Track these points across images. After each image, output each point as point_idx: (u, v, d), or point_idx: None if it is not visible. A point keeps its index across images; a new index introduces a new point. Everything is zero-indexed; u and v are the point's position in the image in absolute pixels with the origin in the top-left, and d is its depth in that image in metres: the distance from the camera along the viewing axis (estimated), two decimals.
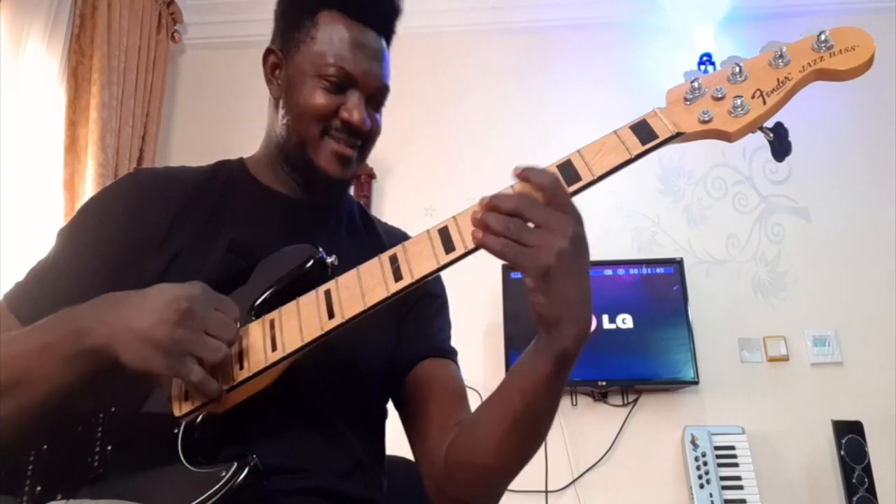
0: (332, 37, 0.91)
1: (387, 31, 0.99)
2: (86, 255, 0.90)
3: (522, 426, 0.77)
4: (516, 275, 2.51)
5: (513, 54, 2.94)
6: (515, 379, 0.77)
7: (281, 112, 0.94)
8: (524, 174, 0.71)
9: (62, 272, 0.89)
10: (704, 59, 2.69)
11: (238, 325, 0.75)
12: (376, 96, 0.95)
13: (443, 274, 1.06)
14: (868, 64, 0.73)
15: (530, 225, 0.68)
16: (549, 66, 2.91)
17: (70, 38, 2.39)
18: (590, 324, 0.71)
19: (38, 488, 0.77)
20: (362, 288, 0.76)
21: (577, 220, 0.69)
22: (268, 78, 0.99)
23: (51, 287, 0.87)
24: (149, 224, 0.91)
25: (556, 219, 0.68)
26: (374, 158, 2.83)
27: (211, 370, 0.72)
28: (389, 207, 2.78)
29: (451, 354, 1.00)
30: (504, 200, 0.70)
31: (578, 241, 0.68)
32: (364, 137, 0.94)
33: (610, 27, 2.92)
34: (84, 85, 2.39)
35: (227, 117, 2.87)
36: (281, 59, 0.96)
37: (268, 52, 0.99)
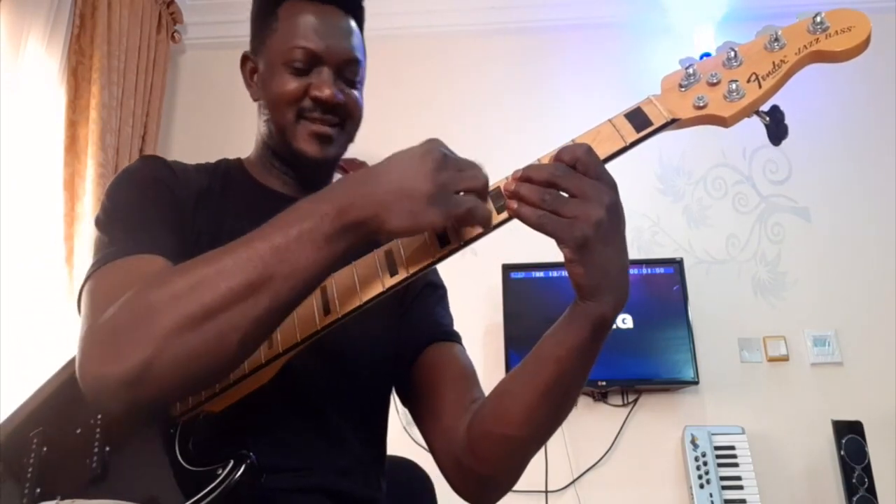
0: (293, 23, 0.93)
1: (349, 6, 0.98)
2: (152, 210, 0.87)
3: (553, 395, 0.76)
4: (516, 274, 2.52)
5: (513, 54, 2.94)
6: (548, 347, 0.75)
7: (262, 110, 0.97)
8: (558, 155, 0.70)
9: (150, 218, 0.85)
10: (704, 59, 2.68)
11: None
12: (346, 70, 0.94)
13: (443, 274, 1.08)
14: (864, 44, 0.72)
15: (564, 194, 0.68)
16: (549, 66, 2.91)
17: (70, 38, 2.39)
18: (628, 291, 0.71)
19: (38, 490, 0.77)
20: (358, 283, 0.76)
21: (612, 187, 0.68)
22: (247, 83, 1.01)
23: (157, 227, 0.84)
24: (181, 199, 0.91)
25: (592, 187, 0.67)
26: (374, 158, 2.84)
27: (482, 197, 0.70)
28: None
29: (456, 337, 1.01)
30: (538, 171, 0.69)
31: (615, 209, 0.68)
32: (341, 114, 0.94)
33: (610, 27, 2.92)
34: (84, 85, 2.38)
35: (227, 117, 2.87)
36: (255, 61, 0.99)
37: (244, 58, 1.02)
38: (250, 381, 0.77)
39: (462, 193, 0.70)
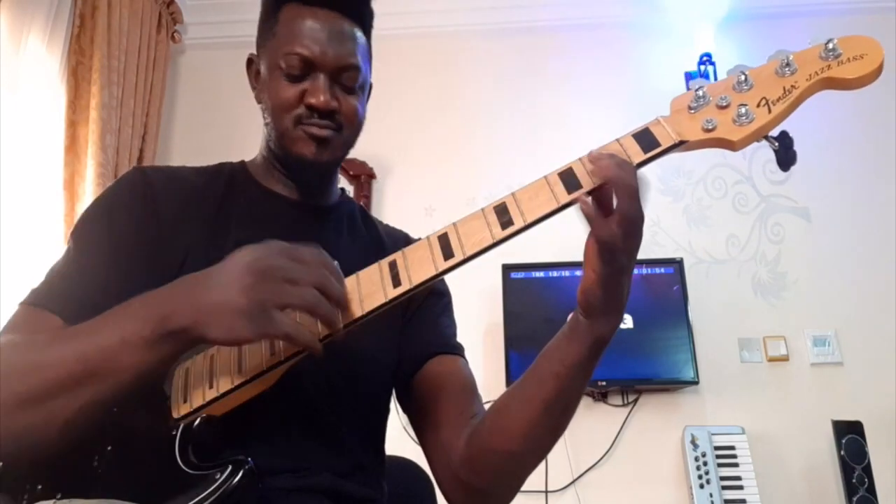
0: (290, 27, 0.91)
1: (351, 11, 0.94)
2: (108, 250, 0.88)
3: (553, 410, 0.78)
4: (516, 274, 2.52)
5: (513, 54, 2.94)
6: (547, 364, 0.78)
7: (264, 114, 0.96)
8: (594, 156, 0.72)
9: (90, 269, 0.87)
10: (704, 59, 2.68)
11: (325, 260, 0.74)
12: (342, 76, 0.92)
13: None
14: (877, 72, 0.71)
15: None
16: (550, 66, 2.91)
17: (70, 38, 2.39)
18: (623, 315, 0.75)
19: (39, 487, 0.77)
20: (361, 294, 0.76)
21: (643, 219, 0.71)
22: (252, 85, 1.00)
23: (83, 284, 0.86)
24: (160, 218, 0.91)
25: (640, 215, 0.70)
26: (374, 158, 2.86)
27: (311, 313, 0.71)
28: (389, 207, 2.78)
29: (459, 350, 1.01)
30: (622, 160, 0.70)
31: (640, 243, 0.71)
32: (337, 120, 0.92)
33: (610, 27, 2.92)
34: (84, 85, 2.39)
35: (227, 117, 2.88)
36: (258, 64, 0.98)
37: (249, 60, 1.01)
38: (252, 386, 0.77)
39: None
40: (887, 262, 2.52)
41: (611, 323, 0.74)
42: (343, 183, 2.70)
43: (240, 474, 0.72)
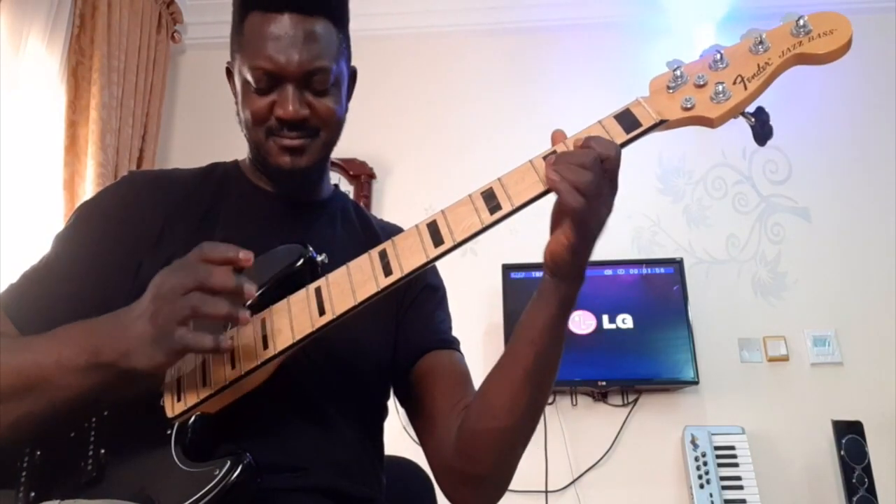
0: (252, 40, 0.89)
1: (314, 7, 0.90)
2: (82, 258, 0.90)
3: (533, 377, 0.80)
4: (516, 274, 2.52)
5: (512, 54, 2.94)
6: (521, 332, 0.80)
7: (240, 124, 0.97)
8: (588, 142, 0.73)
9: (58, 275, 0.89)
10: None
11: (203, 253, 0.72)
12: (311, 81, 0.90)
13: (443, 274, 1.08)
14: (846, 47, 0.73)
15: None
16: (549, 66, 2.91)
17: (70, 38, 2.39)
18: (584, 276, 0.79)
19: (32, 494, 0.77)
20: (353, 284, 0.76)
21: (615, 192, 0.74)
22: (233, 92, 1.00)
23: (47, 290, 0.87)
24: (144, 225, 0.92)
25: (610, 190, 0.73)
26: (374, 158, 2.86)
27: (201, 317, 0.69)
28: (389, 207, 2.78)
29: (453, 344, 1.01)
30: (578, 157, 0.72)
31: (608, 212, 0.75)
32: (310, 126, 0.91)
33: (610, 27, 2.92)
34: (84, 85, 2.39)
35: (226, 117, 2.86)
36: (233, 75, 0.98)
37: (227, 71, 1.01)
38: (245, 382, 0.77)
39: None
40: (887, 262, 2.52)
41: (577, 282, 0.76)
42: (343, 183, 2.70)
43: (238, 469, 0.71)
